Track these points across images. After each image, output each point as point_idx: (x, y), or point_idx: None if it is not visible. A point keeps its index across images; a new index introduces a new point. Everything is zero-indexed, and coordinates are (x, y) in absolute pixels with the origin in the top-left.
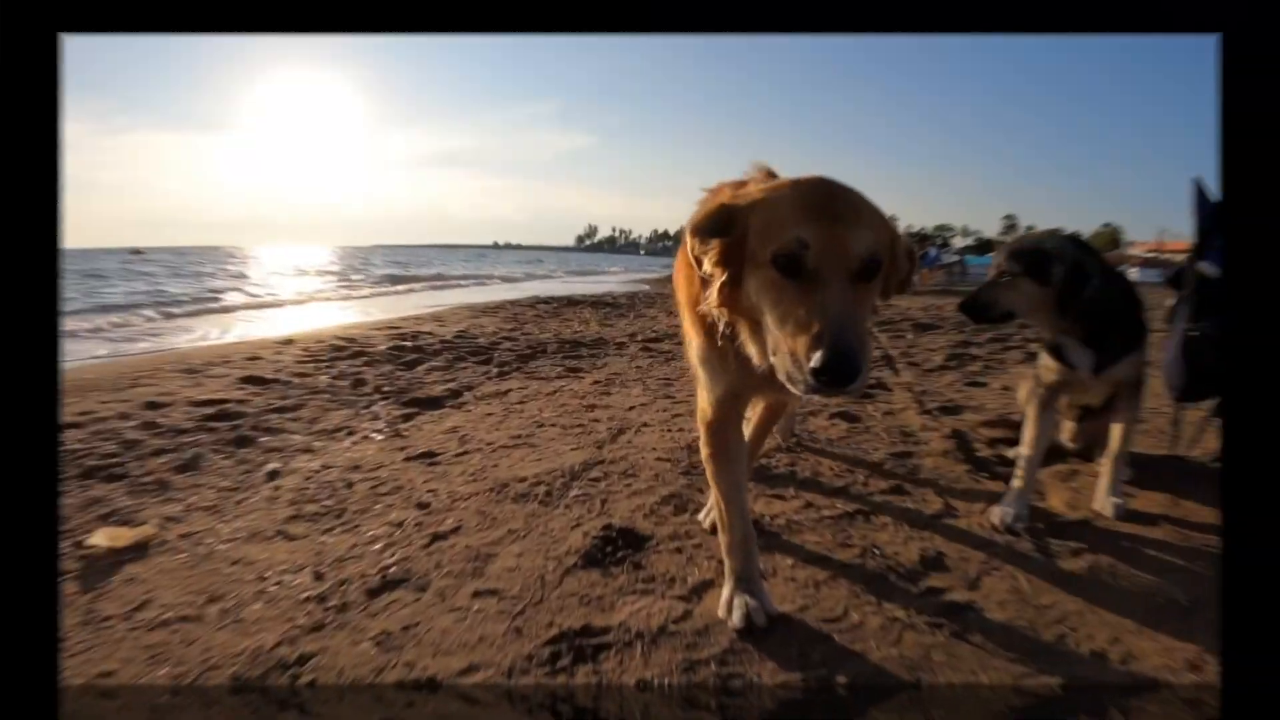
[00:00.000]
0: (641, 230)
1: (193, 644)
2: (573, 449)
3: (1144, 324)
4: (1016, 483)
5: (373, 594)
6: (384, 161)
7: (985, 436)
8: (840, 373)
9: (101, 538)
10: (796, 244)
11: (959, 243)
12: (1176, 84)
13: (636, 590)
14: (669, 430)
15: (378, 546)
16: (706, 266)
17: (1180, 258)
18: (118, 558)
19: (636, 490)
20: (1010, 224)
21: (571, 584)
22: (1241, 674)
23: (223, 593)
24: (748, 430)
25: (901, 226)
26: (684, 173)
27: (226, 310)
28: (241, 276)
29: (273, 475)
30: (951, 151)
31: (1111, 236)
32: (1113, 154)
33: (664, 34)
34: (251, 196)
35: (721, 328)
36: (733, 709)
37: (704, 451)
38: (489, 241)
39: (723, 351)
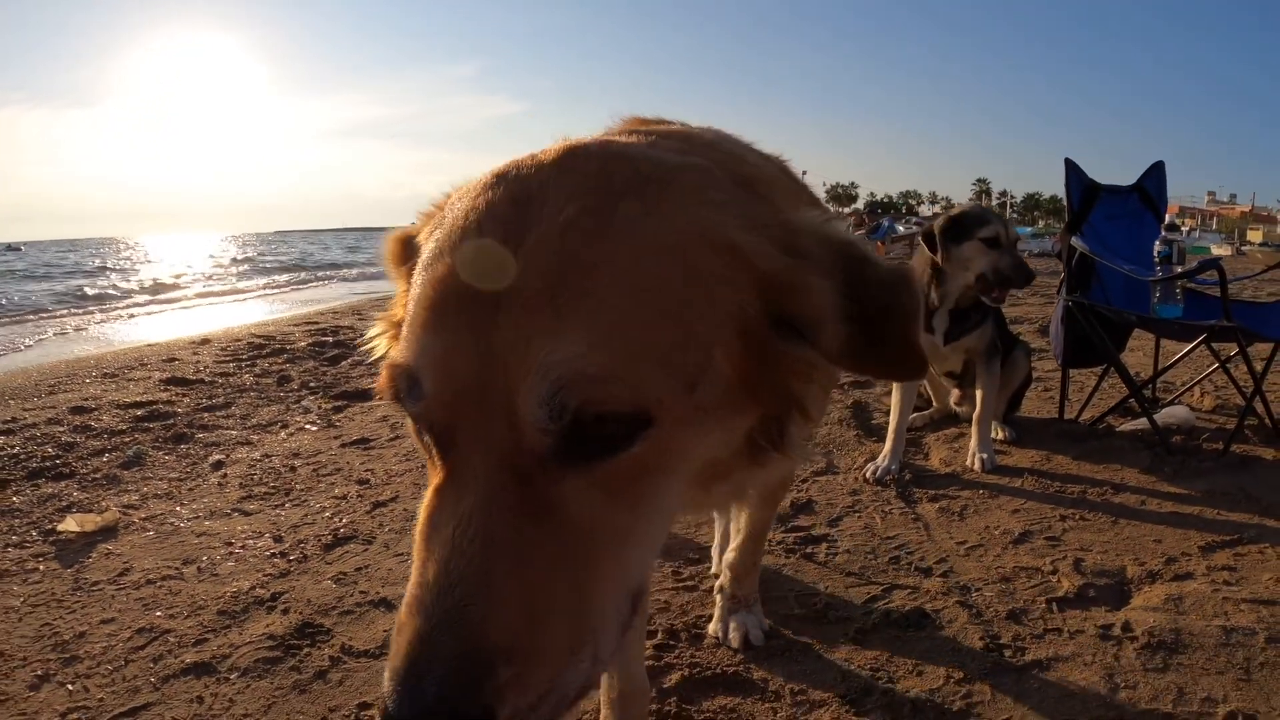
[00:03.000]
0: None
1: (178, 594)
2: None
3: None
4: (887, 443)
5: (327, 548)
6: (284, 136)
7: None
8: None
9: (72, 523)
10: (404, 381)
11: (925, 211)
12: (1188, 27)
13: None
14: None
15: (327, 514)
16: None
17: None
18: (89, 540)
19: None
20: (983, 188)
21: None
22: None
23: (195, 558)
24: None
25: (862, 197)
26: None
27: (130, 311)
28: (137, 272)
29: (218, 465)
30: (918, 108)
31: None
32: (1108, 108)
33: None
34: (139, 180)
35: None
36: None
37: None
38: (408, 223)
39: None
